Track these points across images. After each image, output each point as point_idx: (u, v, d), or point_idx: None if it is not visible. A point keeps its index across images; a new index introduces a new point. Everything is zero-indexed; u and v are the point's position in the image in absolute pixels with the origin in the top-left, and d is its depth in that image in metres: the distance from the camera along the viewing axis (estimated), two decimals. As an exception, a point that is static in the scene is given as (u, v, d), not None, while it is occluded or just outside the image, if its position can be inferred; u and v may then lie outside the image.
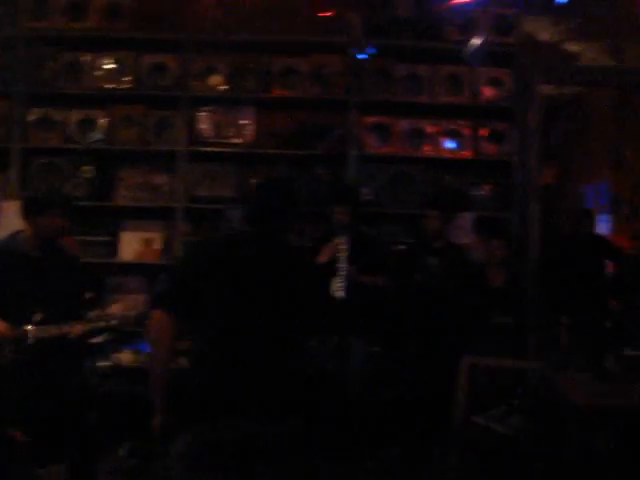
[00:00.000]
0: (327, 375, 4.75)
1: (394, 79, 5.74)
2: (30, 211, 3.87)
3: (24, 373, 3.66)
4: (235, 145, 5.77)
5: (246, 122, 5.81)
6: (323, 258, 4.71)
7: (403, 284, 5.06)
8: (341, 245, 4.70)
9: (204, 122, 5.79)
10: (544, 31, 5.82)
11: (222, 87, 5.78)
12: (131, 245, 5.77)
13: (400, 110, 5.77)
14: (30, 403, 3.64)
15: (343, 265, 4.64)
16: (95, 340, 4.15)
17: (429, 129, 5.72)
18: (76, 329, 3.70)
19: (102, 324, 3.79)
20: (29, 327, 3.64)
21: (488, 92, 5.76)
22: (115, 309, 3.93)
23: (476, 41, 4.83)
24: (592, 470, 3.53)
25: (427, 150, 5.73)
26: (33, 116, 5.81)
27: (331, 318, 3.19)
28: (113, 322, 3.82)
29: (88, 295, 4.11)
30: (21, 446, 3.58)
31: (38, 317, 3.67)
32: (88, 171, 5.73)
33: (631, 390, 3.75)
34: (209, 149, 5.77)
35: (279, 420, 2.58)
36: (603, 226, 7.98)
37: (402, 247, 5.59)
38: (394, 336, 5.11)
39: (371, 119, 5.72)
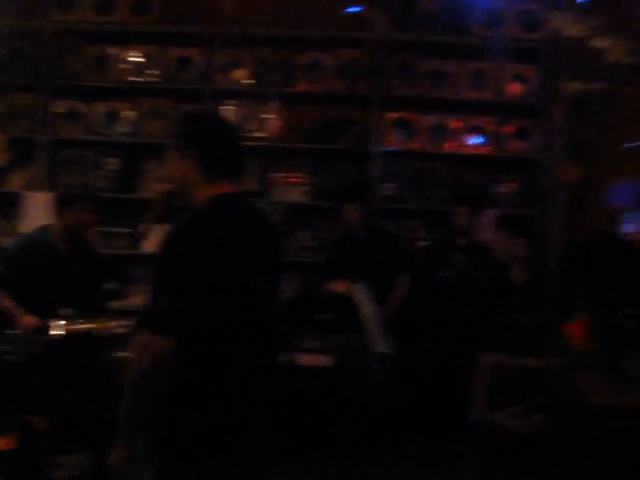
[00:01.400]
0: (347, 373, 4.75)
1: (418, 74, 5.72)
2: (59, 205, 3.94)
3: (48, 364, 3.74)
4: (259, 139, 5.79)
5: (270, 116, 5.83)
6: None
7: (430, 280, 5.05)
8: None
9: (229, 116, 5.80)
10: (570, 27, 5.76)
11: (247, 81, 5.81)
12: (155, 237, 5.81)
13: (424, 106, 5.76)
14: (53, 392, 3.71)
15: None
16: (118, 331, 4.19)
17: (453, 125, 5.71)
18: (106, 326, 3.75)
19: (126, 322, 3.82)
20: (59, 321, 3.68)
21: (513, 88, 5.72)
22: (135, 300, 3.98)
23: (499, 36, 4.81)
24: (608, 470, 3.51)
25: (450, 146, 5.71)
26: (59, 108, 5.88)
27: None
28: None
29: (110, 286, 4.16)
30: (43, 433, 3.64)
31: (68, 312, 3.72)
32: (114, 163, 5.79)
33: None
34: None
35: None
36: (629, 225, 7.89)
37: (424, 243, 5.58)
38: (415, 332, 5.11)
39: (395, 115, 5.71)
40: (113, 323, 3.77)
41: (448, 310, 5.02)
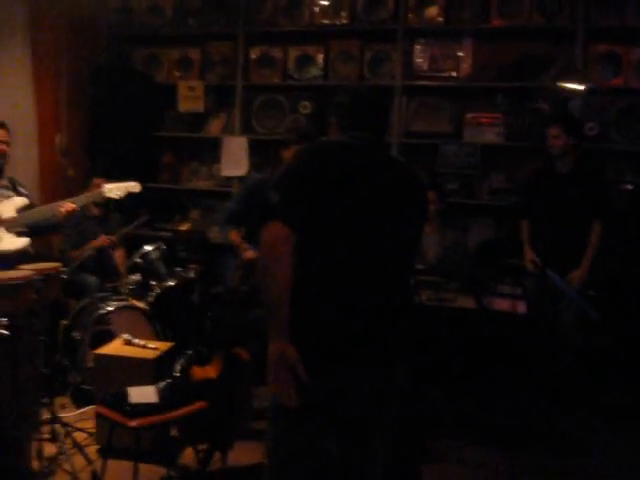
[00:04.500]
0: (541, 319, 4.60)
1: (625, 2, 5.27)
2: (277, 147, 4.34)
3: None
4: (451, 78, 5.65)
5: (463, 54, 5.65)
6: None
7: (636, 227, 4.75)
8: None
9: (420, 55, 5.69)
10: None
11: (438, 19, 5.64)
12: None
13: (632, 37, 5.33)
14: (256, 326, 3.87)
15: None
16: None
17: (665, 58, 5.25)
18: None
19: None
20: None
21: None
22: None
23: None
24: None
25: (662, 81, 5.27)
26: (254, 55, 6.01)
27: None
28: None
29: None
30: (247, 365, 3.81)
31: None
32: (307, 107, 5.86)
33: None
34: (425, 83, 5.70)
35: (400, 365, 2.37)
36: None
37: (630, 187, 5.23)
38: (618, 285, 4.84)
39: (599, 48, 5.34)
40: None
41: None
